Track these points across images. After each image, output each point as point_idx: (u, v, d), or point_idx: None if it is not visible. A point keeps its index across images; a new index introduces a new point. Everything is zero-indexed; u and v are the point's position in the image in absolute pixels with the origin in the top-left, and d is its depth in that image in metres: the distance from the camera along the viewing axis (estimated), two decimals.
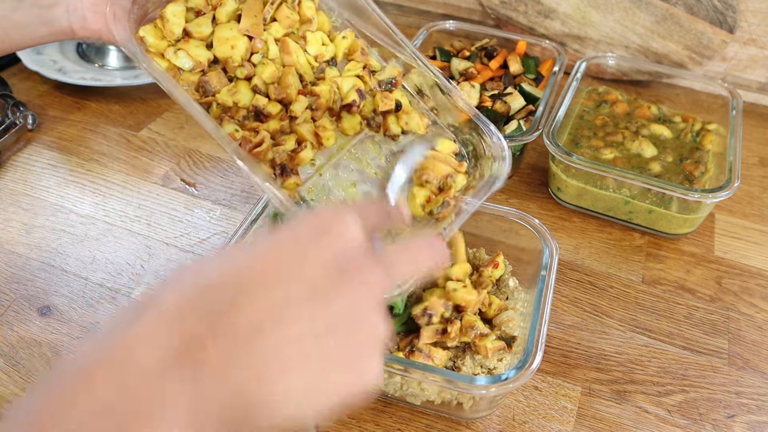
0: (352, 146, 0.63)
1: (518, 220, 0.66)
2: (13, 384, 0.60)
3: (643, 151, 0.83)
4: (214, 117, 0.58)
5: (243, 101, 0.58)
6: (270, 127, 0.58)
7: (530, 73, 0.93)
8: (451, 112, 0.64)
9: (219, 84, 0.57)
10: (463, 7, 1.16)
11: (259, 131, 0.57)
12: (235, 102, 0.57)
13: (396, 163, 0.51)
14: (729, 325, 0.69)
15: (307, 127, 0.59)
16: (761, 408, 0.61)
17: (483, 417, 0.59)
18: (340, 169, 0.63)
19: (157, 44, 0.56)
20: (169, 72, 0.57)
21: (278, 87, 0.59)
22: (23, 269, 0.72)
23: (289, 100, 0.59)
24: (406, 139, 0.61)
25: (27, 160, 0.88)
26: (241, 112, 0.58)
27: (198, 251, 0.75)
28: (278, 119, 0.59)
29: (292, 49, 0.59)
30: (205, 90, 0.57)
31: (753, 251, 0.78)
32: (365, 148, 0.64)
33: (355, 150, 0.64)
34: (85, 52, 1.06)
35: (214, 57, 0.58)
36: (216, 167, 0.88)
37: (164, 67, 0.57)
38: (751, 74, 1.03)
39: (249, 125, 0.58)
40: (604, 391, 0.62)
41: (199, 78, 0.57)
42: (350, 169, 0.64)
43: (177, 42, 0.57)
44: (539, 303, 0.58)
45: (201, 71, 0.58)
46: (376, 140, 0.64)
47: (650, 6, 1.01)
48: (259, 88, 0.58)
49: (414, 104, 0.65)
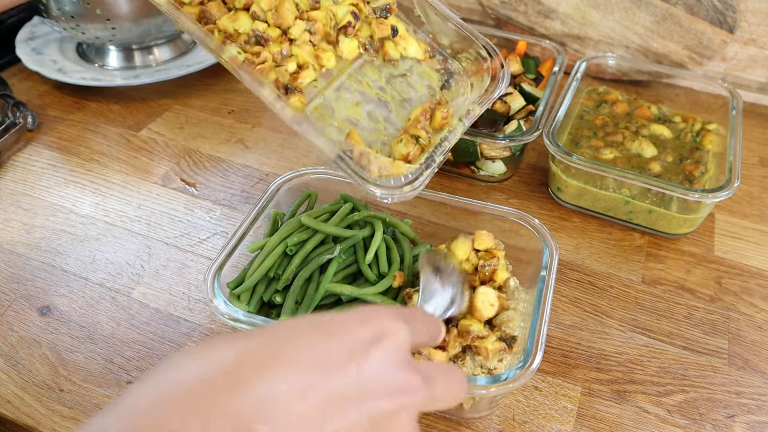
0: (352, 70, 0.66)
1: (518, 220, 0.66)
2: (13, 384, 0.60)
3: (643, 151, 0.83)
4: (218, 43, 0.61)
5: (243, 27, 0.61)
6: (271, 50, 0.61)
7: (530, 73, 0.93)
8: (445, 33, 0.67)
9: (219, 12, 0.61)
10: (463, 7, 1.16)
11: (261, 53, 0.60)
12: (236, 29, 0.60)
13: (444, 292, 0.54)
14: (729, 325, 0.69)
15: (307, 48, 0.62)
16: (761, 408, 0.61)
17: (483, 417, 0.59)
18: (341, 90, 0.65)
19: None
20: (173, 4, 0.60)
21: (276, 14, 0.62)
22: (23, 269, 0.72)
23: (287, 25, 0.62)
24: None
25: (27, 160, 0.88)
26: (242, 37, 0.61)
27: (198, 251, 0.75)
28: (278, 43, 0.62)
29: None
30: (206, 19, 0.61)
31: (753, 251, 0.78)
32: (364, 71, 0.66)
33: (355, 74, 0.66)
34: (85, 52, 1.06)
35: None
36: (216, 167, 0.88)
37: (167, 1, 0.60)
38: (751, 74, 1.03)
39: (251, 50, 0.61)
40: (604, 391, 0.62)
41: (200, 9, 0.61)
42: (352, 90, 0.65)
43: None
44: (539, 303, 0.58)
45: (200, 2, 0.61)
46: (375, 65, 0.66)
47: (650, 6, 1.01)
48: (258, 14, 0.61)
49: (410, 31, 0.68)
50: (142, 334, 0.65)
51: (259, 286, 0.62)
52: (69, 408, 0.59)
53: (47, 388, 0.60)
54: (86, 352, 0.63)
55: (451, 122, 0.63)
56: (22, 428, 0.58)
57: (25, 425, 0.58)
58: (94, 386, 0.61)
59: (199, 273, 0.72)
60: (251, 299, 0.61)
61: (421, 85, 0.68)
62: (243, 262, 0.64)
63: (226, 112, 0.98)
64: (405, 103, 0.66)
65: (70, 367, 0.62)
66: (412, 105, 0.66)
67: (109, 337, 0.65)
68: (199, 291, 0.70)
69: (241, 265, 0.64)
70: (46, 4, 0.92)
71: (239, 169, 0.87)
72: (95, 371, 0.62)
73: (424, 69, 0.69)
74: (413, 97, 0.67)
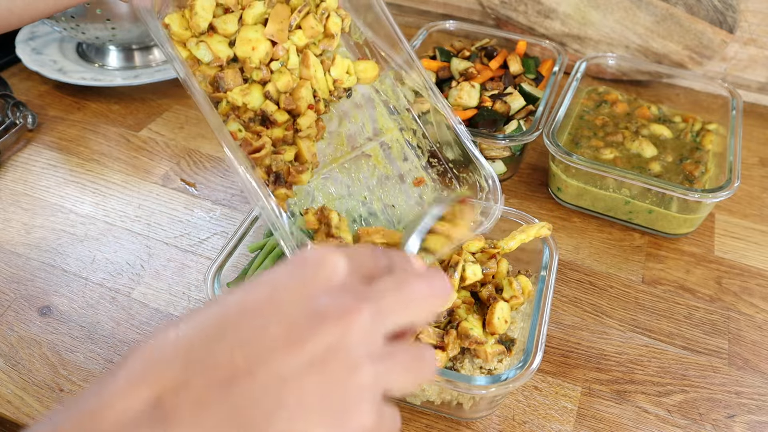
0: (346, 161, 0.64)
1: (518, 220, 0.66)
2: (13, 384, 0.60)
3: (643, 151, 0.83)
4: (222, 113, 0.59)
5: (252, 104, 0.58)
6: (273, 134, 0.59)
7: (530, 73, 0.93)
8: (452, 149, 0.66)
9: (233, 82, 0.58)
10: (463, 7, 1.16)
11: (262, 136, 0.57)
12: (245, 103, 0.58)
13: (417, 218, 0.49)
14: (729, 325, 0.69)
15: (307, 144, 0.60)
16: (761, 408, 0.61)
17: (483, 417, 0.59)
18: (329, 181, 0.64)
19: (180, 33, 0.57)
20: (188, 61, 0.58)
21: (290, 97, 0.59)
22: (23, 269, 0.72)
23: (297, 112, 0.60)
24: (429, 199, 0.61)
25: (27, 160, 0.88)
26: (248, 113, 0.58)
27: (198, 251, 0.75)
28: (283, 128, 0.59)
29: (311, 62, 0.60)
30: (218, 85, 0.58)
31: (753, 251, 0.78)
32: (359, 165, 0.65)
33: (348, 165, 0.64)
34: (85, 52, 1.06)
35: (234, 56, 0.59)
36: (216, 167, 0.88)
37: (184, 57, 0.58)
38: (751, 74, 1.03)
39: (253, 128, 0.58)
40: (604, 391, 0.62)
41: (216, 73, 0.58)
42: (339, 182, 0.64)
43: (201, 35, 0.58)
44: (539, 303, 0.58)
45: (219, 66, 0.58)
46: (371, 162, 0.65)
47: (650, 6, 1.01)
48: (271, 94, 0.59)
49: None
50: (142, 334, 0.65)
51: None
52: None
53: (47, 388, 0.60)
54: (86, 352, 0.63)
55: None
56: (22, 428, 0.58)
57: (25, 425, 0.58)
58: None
59: (199, 273, 0.72)
60: None
61: (413, 193, 0.66)
62: (243, 262, 0.64)
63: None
64: (388, 210, 0.65)
65: (70, 367, 0.62)
66: (393, 214, 0.65)
67: (109, 337, 0.65)
68: (199, 291, 0.70)
69: (241, 265, 0.64)
70: None
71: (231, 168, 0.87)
72: (95, 371, 0.62)
73: (421, 175, 0.67)
74: (399, 205, 0.65)
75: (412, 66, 0.64)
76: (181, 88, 1.02)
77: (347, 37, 0.66)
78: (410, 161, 0.67)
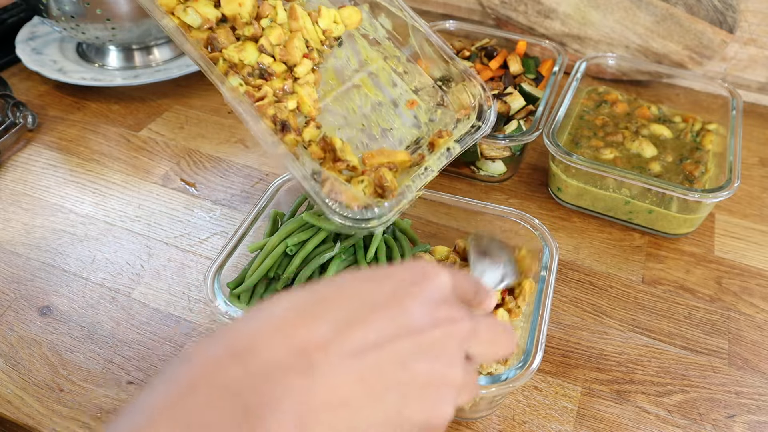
0: (338, 93, 0.65)
1: (518, 220, 0.66)
2: (13, 384, 0.60)
3: (643, 151, 0.83)
4: (221, 72, 0.60)
5: (249, 59, 0.60)
6: (273, 85, 0.61)
7: (530, 73, 0.93)
8: (438, 67, 0.68)
9: (227, 41, 0.60)
10: (463, 7, 1.16)
11: (262, 87, 0.60)
12: (241, 59, 0.60)
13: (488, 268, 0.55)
14: (729, 325, 0.69)
15: (308, 90, 0.62)
16: (761, 408, 0.61)
17: (483, 417, 0.59)
18: (325, 113, 0.65)
19: (167, 2, 0.59)
20: (179, 29, 0.59)
21: (284, 49, 0.61)
22: (23, 269, 0.72)
23: (293, 62, 0.61)
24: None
25: (27, 160, 0.88)
26: (246, 69, 0.60)
27: (198, 251, 0.75)
28: (282, 79, 0.61)
29: (299, 14, 0.62)
30: (213, 46, 0.60)
31: (753, 251, 0.78)
32: (351, 96, 0.66)
33: (340, 97, 0.66)
34: (85, 52, 1.06)
35: (222, 16, 0.60)
36: (216, 167, 0.88)
37: (175, 24, 0.59)
38: (751, 74, 1.03)
39: (253, 82, 0.60)
40: (604, 391, 0.62)
41: (208, 35, 0.60)
42: (335, 114, 0.65)
43: (186, 0, 0.60)
44: (539, 303, 0.58)
45: (209, 28, 0.60)
46: (362, 91, 0.66)
47: (650, 6, 1.01)
48: (265, 48, 0.61)
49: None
50: (141, 334, 0.65)
51: (259, 287, 0.62)
52: (69, 408, 0.59)
53: (47, 388, 0.60)
54: (86, 352, 0.63)
55: (427, 160, 0.62)
56: (22, 428, 0.58)
57: (25, 425, 0.58)
58: (94, 386, 0.61)
59: (199, 273, 0.72)
60: (251, 299, 0.61)
61: (408, 114, 0.68)
62: (243, 262, 0.64)
63: (226, 112, 0.98)
64: (387, 133, 0.66)
65: (70, 367, 0.62)
66: (393, 136, 0.66)
67: (109, 337, 0.65)
68: (199, 291, 0.70)
69: (241, 265, 0.64)
70: (46, 4, 0.92)
71: (239, 169, 0.87)
72: (95, 371, 0.62)
73: (412, 97, 0.69)
74: (396, 127, 0.67)
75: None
76: (181, 88, 1.02)
77: None
78: (399, 86, 0.68)
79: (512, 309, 0.60)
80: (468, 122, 0.66)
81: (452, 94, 0.67)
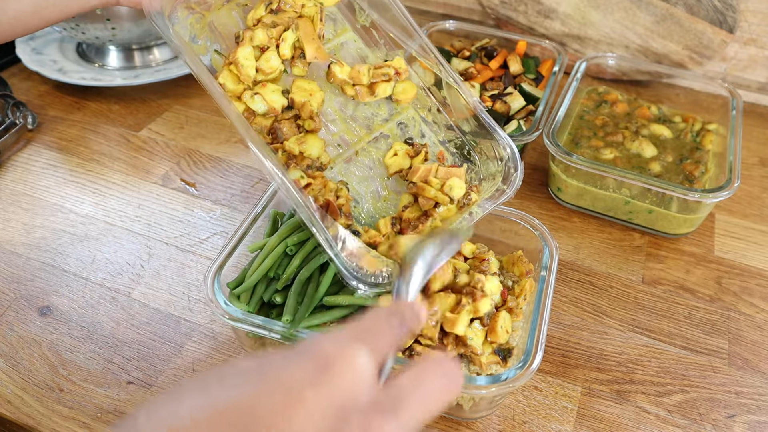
0: (366, 143, 0.65)
1: (518, 220, 0.66)
2: (13, 384, 0.60)
3: (643, 151, 0.83)
4: (279, 162, 0.60)
5: (309, 152, 0.61)
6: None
7: (530, 73, 0.93)
8: (468, 121, 0.67)
9: (290, 132, 0.61)
10: (463, 7, 1.16)
11: (317, 178, 0.60)
12: (302, 152, 0.61)
13: (412, 259, 0.48)
14: (729, 325, 0.69)
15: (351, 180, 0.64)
16: (761, 408, 0.61)
17: (483, 417, 0.59)
18: (352, 165, 0.65)
19: (234, 89, 0.60)
20: (244, 114, 0.60)
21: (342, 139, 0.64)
22: (23, 269, 0.72)
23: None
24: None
25: (27, 160, 0.88)
26: (306, 161, 0.61)
27: (198, 251, 0.75)
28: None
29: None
30: (276, 135, 0.61)
31: (753, 251, 0.78)
32: (378, 146, 0.66)
33: (367, 147, 0.66)
34: (85, 52, 1.06)
35: (287, 104, 0.62)
36: (216, 167, 0.88)
37: (240, 110, 0.60)
38: (751, 74, 1.03)
39: (312, 174, 0.61)
40: (604, 391, 0.62)
41: (272, 123, 0.61)
42: (361, 165, 0.66)
43: (254, 85, 0.61)
44: (539, 303, 0.58)
45: (274, 117, 0.62)
46: (390, 142, 0.67)
47: (650, 6, 1.01)
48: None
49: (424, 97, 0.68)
50: (142, 334, 0.65)
51: (259, 286, 0.62)
52: (69, 408, 0.59)
53: (47, 388, 0.60)
54: (86, 352, 0.63)
55: (451, 220, 0.62)
56: (22, 428, 0.58)
57: (25, 425, 0.58)
58: (94, 386, 0.61)
59: (199, 273, 0.72)
60: (251, 299, 0.61)
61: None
62: (243, 262, 0.64)
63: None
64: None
65: (70, 367, 0.62)
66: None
67: (109, 337, 0.65)
68: (199, 291, 0.70)
69: (241, 265, 0.64)
70: None
71: (239, 169, 0.87)
72: (95, 371, 0.62)
73: (440, 149, 0.68)
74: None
75: (427, 51, 0.66)
76: (181, 88, 1.02)
77: (354, 22, 0.68)
78: (428, 137, 0.68)
79: (513, 309, 0.60)
80: (494, 184, 0.64)
81: (480, 152, 0.67)
